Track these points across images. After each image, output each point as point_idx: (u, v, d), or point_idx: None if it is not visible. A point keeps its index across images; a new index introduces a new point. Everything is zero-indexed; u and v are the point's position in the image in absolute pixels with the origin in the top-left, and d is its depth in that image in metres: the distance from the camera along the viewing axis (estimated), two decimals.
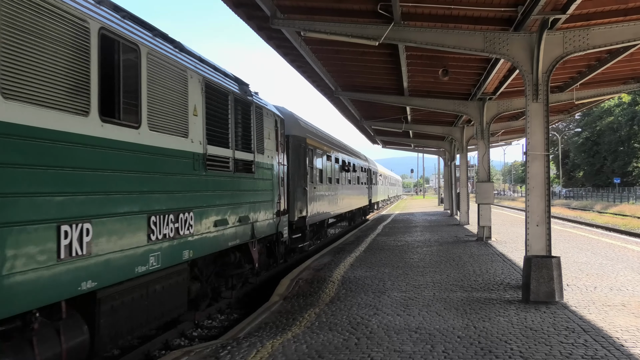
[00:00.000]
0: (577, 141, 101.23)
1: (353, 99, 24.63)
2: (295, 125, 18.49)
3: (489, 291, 11.50)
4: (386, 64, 17.49)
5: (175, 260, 8.39)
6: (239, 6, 12.75)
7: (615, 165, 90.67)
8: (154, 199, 7.64)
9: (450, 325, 8.71)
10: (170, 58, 8.46)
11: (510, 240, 21.54)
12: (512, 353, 7.25)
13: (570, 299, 10.58)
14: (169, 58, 8.43)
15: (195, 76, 9.29)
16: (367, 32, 12.17)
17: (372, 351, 7.46)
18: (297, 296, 11.57)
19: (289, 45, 15.42)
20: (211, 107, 9.91)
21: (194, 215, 8.92)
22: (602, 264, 15.08)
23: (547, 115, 11.28)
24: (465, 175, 30.60)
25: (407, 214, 45.70)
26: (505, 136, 39.90)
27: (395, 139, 43.47)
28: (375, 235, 25.21)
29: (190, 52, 9.89)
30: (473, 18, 12.15)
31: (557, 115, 28.99)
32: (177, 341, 10.40)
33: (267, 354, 7.45)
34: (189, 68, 9.10)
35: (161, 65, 8.12)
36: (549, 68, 11.25)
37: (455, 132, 31.53)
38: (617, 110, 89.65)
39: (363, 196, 38.46)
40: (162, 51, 8.24)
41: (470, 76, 18.76)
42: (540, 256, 10.85)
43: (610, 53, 15.32)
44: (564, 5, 10.73)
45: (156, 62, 7.96)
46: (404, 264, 15.49)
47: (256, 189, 12.36)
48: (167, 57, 8.38)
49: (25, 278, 5.26)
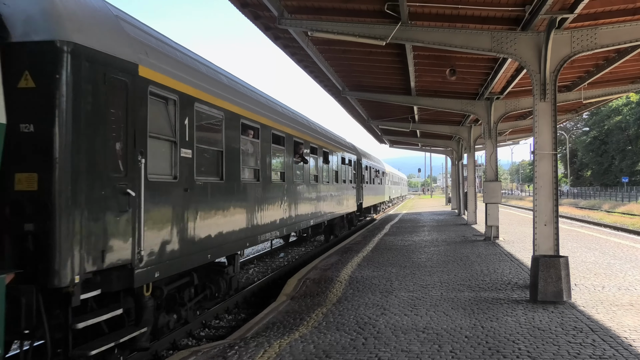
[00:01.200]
0: (585, 140, 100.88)
1: (360, 99, 24.63)
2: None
3: (496, 291, 11.49)
4: (393, 64, 17.48)
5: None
6: (245, 6, 12.78)
7: (623, 164, 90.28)
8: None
9: (457, 325, 8.71)
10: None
11: (517, 240, 21.49)
12: (519, 353, 7.25)
13: (578, 299, 10.55)
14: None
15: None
16: (375, 32, 12.17)
17: (380, 351, 7.47)
18: (304, 296, 11.59)
19: (296, 45, 15.46)
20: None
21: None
22: (610, 263, 15.03)
23: (555, 114, 11.26)
24: (473, 174, 30.53)
25: (414, 214, 45.64)
26: (513, 135, 39.80)
27: (402, 139, 43.43)
28: (383, 235, 25.19)
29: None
30: (480, 18, 12.14)
31: (564, 114, 28.88)
32: (185, 341, 10.45)
33: (275, 353, 7.47)
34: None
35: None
36: (556, 67, 11.23)
37: (462, 132, 31.46)
38: (625, 110, 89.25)
39: (346, 200, 27.02)
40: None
41: (477, 76, 18.72)
42: (548, 256, 10.82)
43: (618, 52, 15.26)
44: (572, 5, 10.70)
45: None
46: (411, 264, 15.48)
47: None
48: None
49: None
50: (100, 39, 6.93)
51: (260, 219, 12.95)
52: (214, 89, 10.43)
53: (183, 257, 8.90)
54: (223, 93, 10.87)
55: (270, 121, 14.02)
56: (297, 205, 16.76)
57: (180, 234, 8.79)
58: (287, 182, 15.63)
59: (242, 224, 11.72)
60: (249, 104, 12.53)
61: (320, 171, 20.65)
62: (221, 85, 11.01)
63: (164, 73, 8.39)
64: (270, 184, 13.94)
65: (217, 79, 10.97)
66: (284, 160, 15.49)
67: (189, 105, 9.13)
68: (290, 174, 16.07)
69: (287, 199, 15.59)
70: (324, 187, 21.21)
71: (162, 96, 8.38)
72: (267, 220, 13.56)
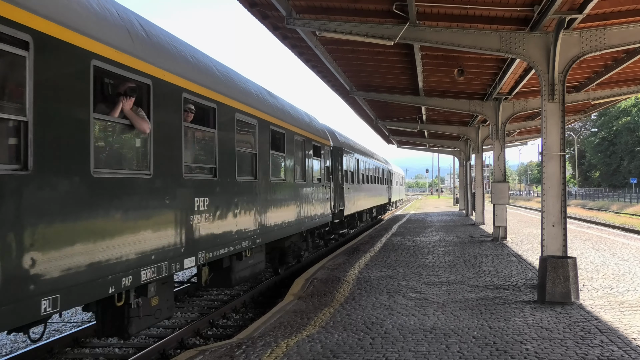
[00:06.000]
0: (593, 141, 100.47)
1: (368, 99, 24.63)
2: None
3: (504, 291, 11.46)
4: (401, 64, 17.47)
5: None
6: (254, 6, 12.82)
7: (631, 165, 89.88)
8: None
9: (465, 326, 8.70)
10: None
11: (525, 241, 21.43)
12: (527, 353, 7.23)
13: (586, 300, 10.52)
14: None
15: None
16: (383, 31, 12.17)
17: (387, 351, 7.47)
18: (311, 296, 11.60)
19: (304, 45, 15.49)
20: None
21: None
22: (619, 264, 14.97)
23: (563, 115, 11.22)
24: (481, 175, 30.46)
25: (422, 214, 45.59)
26: (521, 136, 39.70)
27: (410, 139, 43.40)
28: (390, 235, 25.18)
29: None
30: (489, 18, 12.12)
31: (573, 115, 28.80)
32: (192, 340, 10.48)
33: (282, 353, 7.49)
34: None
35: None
36: (565, 68, 11.19)
37: (470, 132, 31.41)
38: (634, 110, 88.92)
39: (310, 206, 17.31)
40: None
41: (485, 76, 18.69)
42: (556, 256, 10.79)
43: (627, 53, 15.21)
44: (581, 5, 10.67)
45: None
46: (418, 264, 15.46)
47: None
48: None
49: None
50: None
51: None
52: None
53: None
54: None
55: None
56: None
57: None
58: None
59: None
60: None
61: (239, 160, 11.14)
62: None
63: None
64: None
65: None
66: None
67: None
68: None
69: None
70: (247, 186, 11.68)
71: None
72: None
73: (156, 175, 7.82)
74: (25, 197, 5.46)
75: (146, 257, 7.49)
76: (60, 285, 5.85)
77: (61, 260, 5.87)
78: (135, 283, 7.23)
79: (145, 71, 7.63)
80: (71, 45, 6.17)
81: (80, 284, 6.16)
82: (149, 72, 7.74)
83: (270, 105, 13.72)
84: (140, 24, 8.12)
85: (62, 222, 5.96)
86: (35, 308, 5.54)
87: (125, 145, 7.77)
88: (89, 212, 6.38)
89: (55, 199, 5.88)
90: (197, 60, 9.82)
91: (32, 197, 5.56)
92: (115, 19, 7.29)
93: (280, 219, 13.96)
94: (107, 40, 6.84)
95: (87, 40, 6.44)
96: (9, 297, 5.25)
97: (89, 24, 6.55)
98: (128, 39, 7.39)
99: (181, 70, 8.79)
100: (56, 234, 5.87)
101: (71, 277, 6.01)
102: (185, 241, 8.65)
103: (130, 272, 7.10)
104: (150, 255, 7.61)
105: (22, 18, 5.48)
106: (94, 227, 6.44)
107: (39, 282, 5.57)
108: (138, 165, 7.82)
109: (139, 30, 7.91)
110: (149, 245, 7.56)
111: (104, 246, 6.60)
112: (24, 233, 5.43)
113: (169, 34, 9.32)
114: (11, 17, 5.34)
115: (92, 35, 6.54)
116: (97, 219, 6.52)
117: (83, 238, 6.24)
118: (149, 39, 8.08)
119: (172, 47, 8.91)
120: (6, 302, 5.22)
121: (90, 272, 6.32)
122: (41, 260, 5.61)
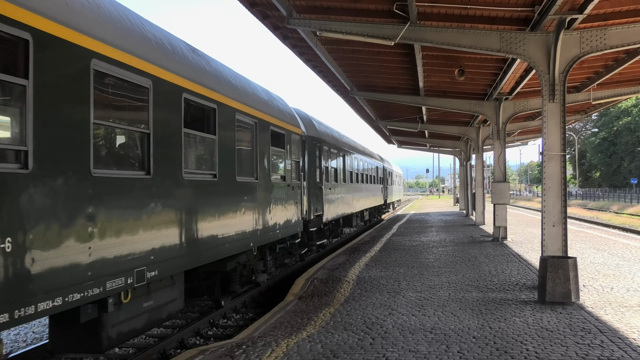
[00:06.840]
0: (593, 141, 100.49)
1: (369, 99, 24.62)
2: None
3: (504, 292, 11.46)
4: (402, 64, 17.47)
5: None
6: (254, 5, 12.82)
7: (632, 165, 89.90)
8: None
9: (465, 326, 8.70)
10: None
11: (526, 241, 21.43)
12: (527, 354, 7.23)
13: (586, 300, 10.52)
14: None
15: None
16: (383, 31, 12.17)
17: (387, 351, 7.47)
18: (312, 296, 11.60)
19: (304, 45, 15.49)
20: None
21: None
22: (619, 264, 14.97)
23: (564, 115, 11.22)
24: (481, 175, 30.45)
25: (422, 214, 45.58)
26: (522, 136, 39.70)
27: (410, 139, 43.40)
28: (391, 235, 25.17)
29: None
30: (489, 18, 12.12)
31: (573, 115, 28.80)
32: (193, 340, 10.49)
33: (282, 353, 7.49)
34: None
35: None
36: (565, 68, 11.19)
37: (471, 132, 31.41)
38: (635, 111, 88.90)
39: (270, 214, 13.19)
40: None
41: (486, 76, 18.69)
42: (556, 257, 10.79)
43: (628, 53, 15.20)
44: (581, 5, 10.67)
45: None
46: (419, 264, 15.46)
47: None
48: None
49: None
50: None
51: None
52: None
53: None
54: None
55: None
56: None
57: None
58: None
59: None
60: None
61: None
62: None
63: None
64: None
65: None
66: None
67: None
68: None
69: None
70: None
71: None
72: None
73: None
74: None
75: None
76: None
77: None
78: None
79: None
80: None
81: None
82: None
83: (190, 63, 9.47)
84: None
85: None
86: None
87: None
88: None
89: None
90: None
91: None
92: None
93: (207, 234, 9.60)
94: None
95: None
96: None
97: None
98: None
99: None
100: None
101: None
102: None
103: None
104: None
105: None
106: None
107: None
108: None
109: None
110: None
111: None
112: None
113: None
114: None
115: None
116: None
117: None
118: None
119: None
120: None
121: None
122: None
